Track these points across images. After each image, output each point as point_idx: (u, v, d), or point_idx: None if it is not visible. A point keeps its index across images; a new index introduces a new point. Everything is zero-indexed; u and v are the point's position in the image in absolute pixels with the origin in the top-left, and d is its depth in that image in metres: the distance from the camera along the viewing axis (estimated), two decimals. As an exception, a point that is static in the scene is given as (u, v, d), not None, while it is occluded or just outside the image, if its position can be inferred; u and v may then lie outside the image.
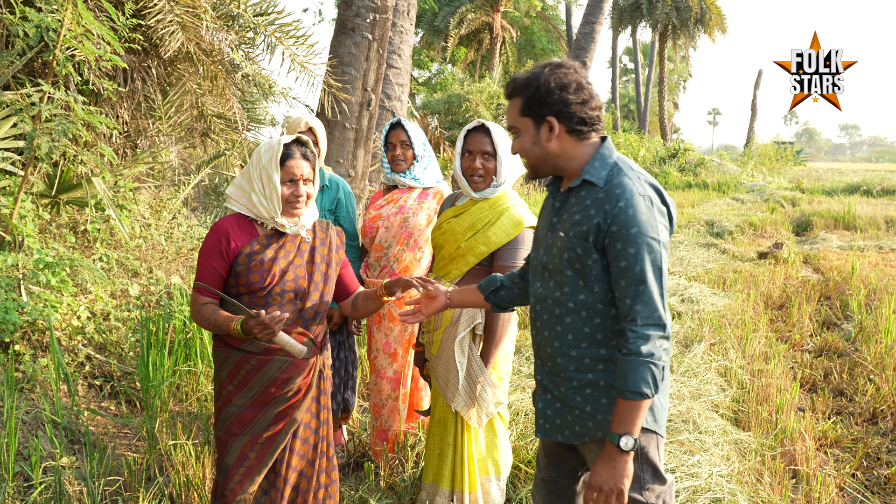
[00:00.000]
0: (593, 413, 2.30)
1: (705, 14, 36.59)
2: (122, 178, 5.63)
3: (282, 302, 2.78)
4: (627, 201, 2.19)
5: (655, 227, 2.20)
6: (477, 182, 3.33)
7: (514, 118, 2.36)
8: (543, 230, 2.45)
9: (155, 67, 6.04)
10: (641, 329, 2.15)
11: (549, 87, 2.27)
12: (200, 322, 2.76)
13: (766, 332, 6.86)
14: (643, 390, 2.13)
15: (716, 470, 3.61)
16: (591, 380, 2.30)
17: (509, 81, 2.40)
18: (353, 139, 7.07)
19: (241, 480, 2.81)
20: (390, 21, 7.20)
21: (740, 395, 5.03)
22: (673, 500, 2.42)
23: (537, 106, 2.29)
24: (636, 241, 2.16)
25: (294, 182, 2.77)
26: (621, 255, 2.17)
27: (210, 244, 2.77)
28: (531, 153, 2.35)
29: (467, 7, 29.91)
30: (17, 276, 4.55)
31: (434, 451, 3.45)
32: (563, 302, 2.32)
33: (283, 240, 2.82)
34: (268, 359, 2.79)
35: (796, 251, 11.48)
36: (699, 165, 29.97)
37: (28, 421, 4.02)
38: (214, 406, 2.92)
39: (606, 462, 2.20)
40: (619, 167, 2.29)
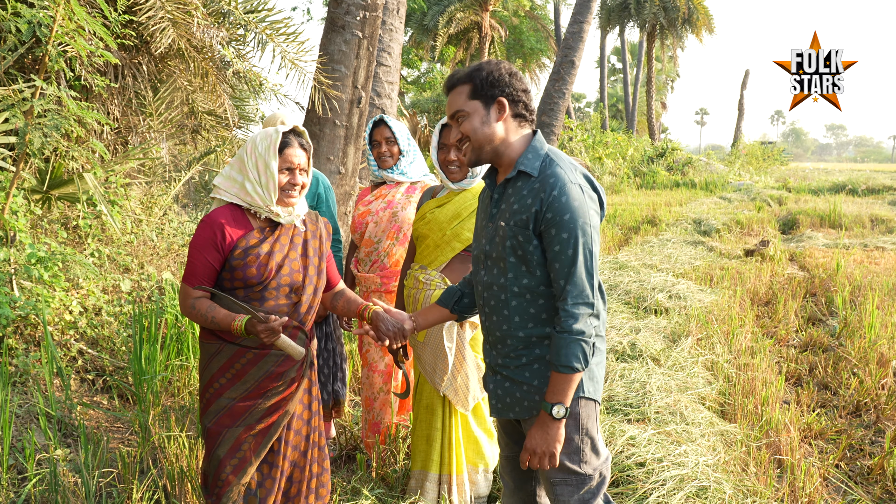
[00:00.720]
0: (540, 386, 2.45)
1: (693, 14, 36.76)
2: (113, 175, 5.64)
3: (277, 296, 2.78)
4: (561, 189, 2.34)
5: (587, 213, 2.35)
6: (453, 172, 3.47)
7: (461, 104, 2.49)
8: (483, 221, 2.60)
9: (146, 64, 6.06)
10: (572, 308, 2.32)
11: (500, 72, 2.45)
12: (193, 316, 2.73)
13: (753, 327, 6.95)
14: (574, 365, 2.32)
15: (702, 460, 3.67)
16: (538, 354, 2.46)
17: (449, 76, 2.55)
18: (344, 136, 7.11)
19: (233, 471, 2.79)
20: (380, 19, 7.24)
21: (726, 389, 5.10)
22: (609, 472, 2.58)
23: (489, 87, 2.44)
24: (569, 226, 2.32)
25: (291, 171, 2.77)
26: (555, 240, 2.33)
27: (203, 237, 2.73)
28: (479, 133, 2.47)
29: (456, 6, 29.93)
30: (9, 270, 4.57)
31: (422, 437, 3.52)
32: (507, 287, 2.46)
33: (278, 232, 2.81)
34: (264, 353, 2.78)
35: (782, 249, 11.59)
36: (687, 165, 30.15)
37: (21, 414, 4.04)
38: (201, 397, 2.89)
39: (540, 428, 2.40)
40: (550, 158, 2.45)
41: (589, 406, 2.50)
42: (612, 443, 3.81)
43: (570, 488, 2.50)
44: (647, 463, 3.60)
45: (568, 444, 2.47)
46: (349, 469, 4.18)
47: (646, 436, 3.87)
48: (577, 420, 2.47)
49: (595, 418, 2.53)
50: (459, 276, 3.42)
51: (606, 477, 2.57)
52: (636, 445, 3.78)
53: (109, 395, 4.73)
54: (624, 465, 3.62)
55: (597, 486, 2.54)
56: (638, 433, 3.90)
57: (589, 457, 2.50)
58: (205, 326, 2.76)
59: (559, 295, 2.35)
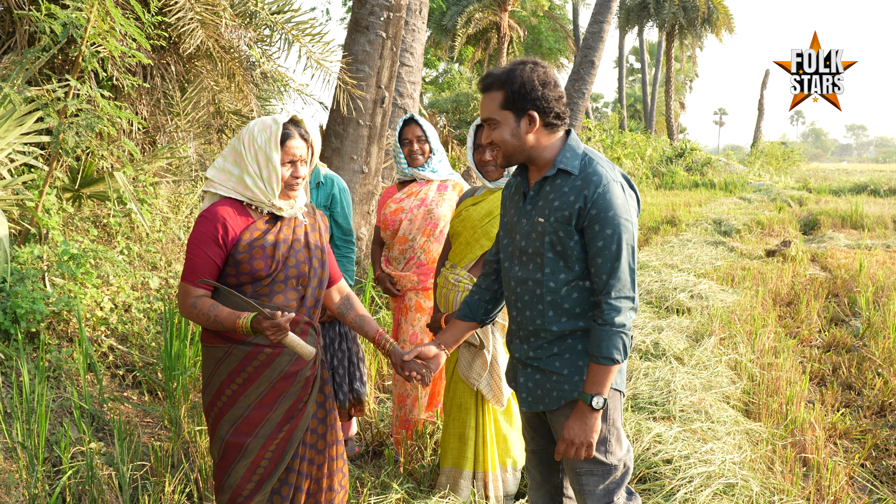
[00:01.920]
0: (570, 375, 2.51)
1: (713, 14, 36.56)
2: (142, 173, 5.72)
3: (285, 289, 2.67)
4: (605, 186, 2.40)
5: (629, 210, 2.43)
6: (490, 172, 3.52)
7: (493, 111, 2.50)
8: (515, 217, 2.63)
9: (174, 64, 6.13)
10: (615, 301, 2.39)
11: (533, 83, 2.44)
12: (194, 316, 2.59)
13: (775, 327, 6.94)
14: (615, 356, 2.39)
15: (728, 457, 3.69)
16: (570, 344, 2.51)
17: (485, 75, 2.55)
18: (367, 136, 7.16)
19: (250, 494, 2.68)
20: (403, 19, 7.29)
21: (751, 388, 5.11)
22: (632, 464, 2.64)
23: (520, 101, 2.46)
24: (613, 222, 2.38)
25: (293, 163, 2.66)
26: (599, 236, 2.38)
27: (204, 232, 2.59)
28: (509, 144, 2.51)
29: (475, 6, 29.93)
30: (42, 267, 4.65)
31: (454, 434, 3.56)
32: (543, 282, 2.51)
33: (280, 223, 2.70)
34: (278, 352, 2.67)
35: (804, 249, 11.53)
36: (706, 165, 30.00)
37: (54, 409, 4.12)
38: (210, 407, 2.73)
39: (579, 418, 2.45)
40: (589, 157, 2.50)
41: (616, 397, 2.56)
42: (639, 440, 3.83)
43: (595, 478, 2.55)
44: (673, 460, 3.63)
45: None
46: (376, 465, 4.23)
47: (672, 433, 3.90)
48: (605, 411, 2.52)
49: (620, 410, 2.59)
50: None
51: (630, 468, 2.62)
52: (662, 443, 3.80)
53: (139, 391, 4.80)
54: (651, 461, 3.64)
55: (621, 477, 2.60)
56: (664, 431, 3.92)
57: (614, 447, 2.56)
58: (207, 327, 2.61)
59: (601, 289, 2.40)
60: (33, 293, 4.31)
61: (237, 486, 2.67)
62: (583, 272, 2.47)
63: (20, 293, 4.22)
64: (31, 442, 3.56)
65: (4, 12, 5.26)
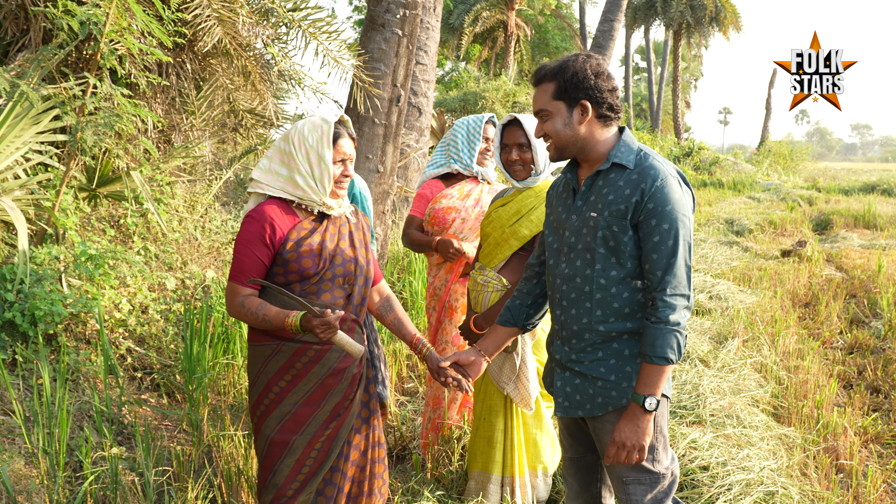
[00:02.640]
0: (618, 381, 2.42)
1: (720, 12, 36.46)
2: (159, 173, 5.65)
3: (332, 287, 2.69)
4: (663, 181, 2.33)
5: (686, 206, 2.36)
6: (517, 171, 3.44)
7: (545, 102, 2.46)
8: (564, 214, 2.56)
9: (189, 62, 6.06)
10: (670, 299, 2.30)
11: (585, 72, 2.41)
12: (243, 316, 2.61)
13: (797, 329, 6.85)
14: (669, 356, 2.31)
15: (766, 464, 3.60)
16: (616, 349, 2.43)
17: (538, 69, 2.51)
18: (383, 135, 7.08)
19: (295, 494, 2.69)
20: (419, 17, 7.21)
21: (779, 391, 5.03)
22: (678, 472, 2.55)
23: (573, 90, 2.41)
24: (671, 217, 2.31)
25: (343, 162, 2.71)
26: (656, 231, 2.31)
27: (252, 232, 2.62)
28: (562, 135, 2.45)
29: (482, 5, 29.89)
30: (59, 268, 4.58)
31: (483, 438, 3.49)
32: (594, 279, 2.43)
33: (326, 222, 2.73)
34: (327, 348, 2.67)
35: (818, 249, 11.44)
36: (714, 164, 29.90)
37: (73, 412, 4.05)
38: (256, 404, 2.75)
39: (630, 420, 2.36)
40: (644, 152, 2.43)
41: (663, 404, 2.48)
42: (674, 446, 3.75)
43: (643, 487, 2.47)
44: (710, 467, 3.55)
45: None
46: (400, 469, 4.15)
47: (706, 439, 3.81)
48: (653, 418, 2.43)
49: (667, 416, 2.51)
50: (517, 275, 3.37)
51: (677, 477, 2.54)
52: (698, 449, 3.72)
53: (157, 393, 4.73)
54: (688, 468, 3.56)
55: (668, 486, 2.51)
56: (699, 436, 3.84)
57: (661, 455, 2.48)
58: (255, 326, 2.63)
59: (656, 286, 2.32)
60: (51, 294, 4.24)
61: (282, 486, 2.68)
62: (635, 270, 2.39)
63: (38, 295, 4.15)
64: (51, 447, 3.49)
65: (19, 9, 5.19)
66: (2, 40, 5.17)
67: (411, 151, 8.91)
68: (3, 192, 4.39)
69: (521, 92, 20.69)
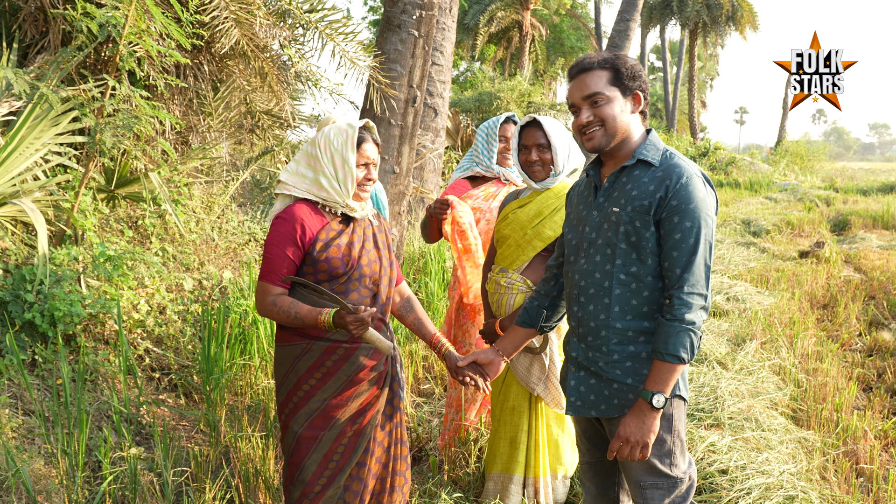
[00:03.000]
0: (634, 385, 2.41)
1: (737, 11, 36.20)
2: (177, 174, 5.68)
3: (359, 287, 2.77)
4: (688, 178, 2.34)
5: (709, 205, 2.35)
6: (536, 172, 3.42)
7: (600, 86, 2.44)
8: (584, 211, 2.57)
9: (206, 63, 6.08)
10: (687, 297, 2.29)
11: (638, 66, 2.46)
12: (274, 314, 2.67)
13: (816, 331, 6.79)
14: (681, 355, 2.29)
15: (785, 468, 3.57)
16: (632, 352, 2.41)
17: (583, 58, 2.52)
18: (399, 136, 7.08)
19: (322, 489, 2.75)
20: (435, 18, 7.20)
21: (798, 394, 4.99)
22: (696, 476, 2.55)
23: (630, 78, 2.45)
24: (694, 215, 2.30)
25: (367, 166, 2.78)
26: (678, 228, 2.31)
27: (282, 232, 2.69)
28: (619, 120, 2.45)
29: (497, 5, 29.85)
30: (78, 269, 4.61)
31: (505, 439, 3.47)
32: (613, 274, 2.42)
33: (353, 224, 2.81)
34: (356, 346, 2.75)
35: (836, 250, 11.34)
36: (730, 164, 29.72)
37: (92, 412, 4.07)
38: (285, 401, 2.81)
39: (637, 416, 2.35)
40: (671, 152, 2.45)
41: (680, 406, 2.47)
42: (693, 449, 3.73)
43: (661, 492, 2.45)
44: (729, 470, 3.52)
45: (660, 446, 2.42)
46: (417, 471, 4.15)
47: (725, 442, 3.79)
48: (669, 420, 2.42)
49: (684, 420, 2.49)
50: (540, 276, 3.37)
51: (694, 481, 2.52)
52: (716, 452, 3.69)
53: (175, 394, 4.75)
54: (706, 472, 3.54)
55: (686, 491, 2.49)
56: (717, 440, 3.82)
57: (679, 459, 2.46)
58: (287, 324, 2.70)
59: (673, 283, 2.32)
60: (70, 295, 4.26)
61: (309, 481, 2.75)
62: (655, 268, 2.38)
63: (57, 295, 4.17)
64: (71, 447, 3.51)
65: (38, 11, 5.22)
66: (21, 42, 5.21)
67: (427, 152, 8.91)
68: (22, 193, 4.43)
69: (535, 92, 20.63)
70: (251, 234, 6.79)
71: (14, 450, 3.38)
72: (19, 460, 3.32)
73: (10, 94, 4.68)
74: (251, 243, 6.73)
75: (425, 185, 9.11)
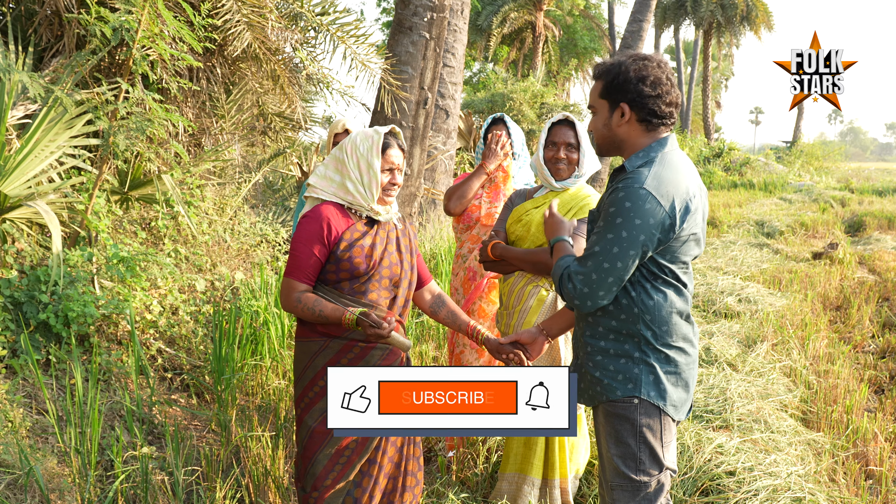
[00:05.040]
0: (601, 378, 2.44)
1: (751, 11, 36.03)
2: (189, 176, 5.73)
3: (379, 288, 2.83)
4: (628, 187, 2.32)
5: (635, 221, 2.29)
6: (561, 170, 3.43)
7: (594, 99, 2.53)
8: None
9: (219, 67, 6.13)
10: (569, 280, 2.39)
11: (627, 76, 2.41)
12: (299, 311, 2.76)
13: (828, 332, 6.77)
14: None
15: (793, 469, 3.57)
16: (602, 347, 2.45)
17: (598, 64, 2.55)
18: (410, 137, 7.12)
19: (332, 482, 2.81)
20: (447, 20, 7.23)
21: (808, 396, 4.97)
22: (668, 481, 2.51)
23: (614, 91, 2.44)
24: (610, 221, 2.31)
25: (392, 171, 2.85)
26: (598, 228, 2.37)
27: (310, 230, 2.78)
28: (599, 133, 2.52)
29: (510, 6, 29.84)
30: (91, 270, 4.66)
31: (519, 439, 3.47)
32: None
33: (377, 227, 2.88)
34: (371, 346, 2.81)
35: (850, 252, 11.28)
36: (744, 165, 29.56)
37: (105, 412, 4.12)
38: (301, 397, 2.89)
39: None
40: (654, 160, 2.39)
41: (651, 412, 2.42)
42: (700, 451, 3.72)
43: (626, 493, 2.46)
44: (737, 472, 3.52)
45: (624, 449, 2.43)
46: (425, 471, 4.17)
47: (733, 444, 3.79)
48: (634, 425, 2.41)
49: (659, 428, 2.44)
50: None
51: (665, 484, 2.50)
52: (724, 454, 3.69)
53: (187, 394, 4.79)
54: (713, 473, 3.53)
55: (654, 493, 2.48)
56: (725, 441, 3.82)
57: (648, 465, 2.43)
58: (310, 320, 2.78)
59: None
60: (84, 296, 4.31)
61: (319, 475, 2.81)
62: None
63: (71, 296, 4.23)
64: (83, 446, 3.56)
65: (53, 16, 5.29)
66: (37, 46, 5.28)
67: (438, 154, 8.93)
68: (37, 195, 4.48)
69: (548, 93, 20.60)
70: (263, 236, 6.84)
71: (28, 449, 3.43)
72: (33, 459, 3.36)
73: (26, 97, 4.74)
74: (263, 245, 6.78)
75: (436, 186, 9.14)
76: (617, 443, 2.43)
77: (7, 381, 3.81)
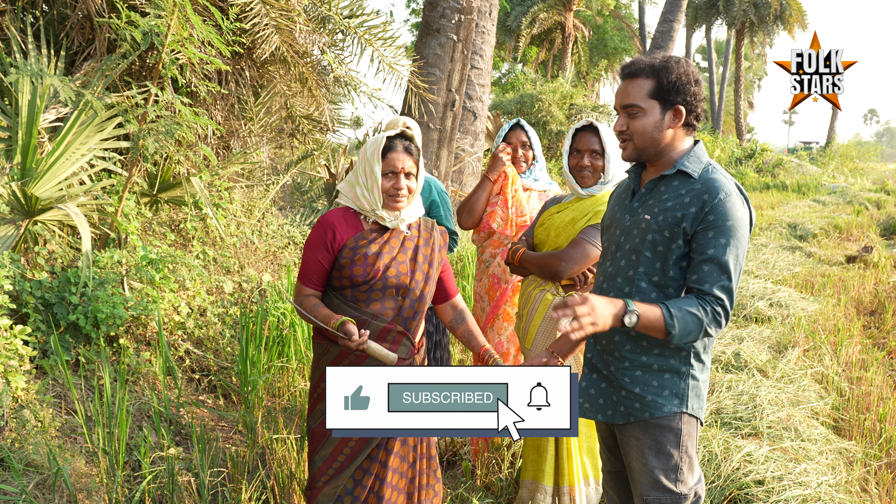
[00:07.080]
0: (642, 394, 2.38)
1: (785, 10, 35.57)
2: (218, 178, 5.77)
3: (383, 297, 2.78)
4: (727, 195, 2.28)
5: (745, 225, 2.31)
6: (585, 178, 3.38)
7: (638, 98, 2.38)
8: (619, 213, 2.54)
9: (247, 69, 6.17)
10: (715, 304, 2.24)
11: (687, 76, 2.36)
12: (301, 314, 2.79)
13: (861, 338, 6.65)
14: (673, 333, 2.21)
15: (824, 479, 3.51)
16: (644, 362, 2.38)
17: (632, 62, 2.44)
18: (437, 140, 7.11)
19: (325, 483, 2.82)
20: (474, 22, 7.22)
21: (840, 403, 4.89)
22: (703, 492, 2.48)
23: (672, 92, 2.35)
24: (730, 233, 2.25)
25: (395, 175, 2.76)
26: (711, 244, 2.25)
27: (316, 237, 2.80)
28: (648, 135, 2.39)
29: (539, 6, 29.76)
30: (121, 272, 4.71)
31: (532, 446, 3.47)
32: (635, 281, 2.39)
33: (388, 235, 2.82)
34: (364, 357, 2.77)
35: (886, 255, 11.07)
36: (777, 166, 29.18)
37: (132, 413, 4.16)
38: (310, 397, 2.93)
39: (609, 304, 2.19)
40: (713, 166, 2.40)
41: (691, 423, 2.42)
42: (728, 459, 3.67)
43: None
44: (766, 481, 3.46)
45: (666, 461, 2.40)
46: (450, 475, 4.16)
47: (762, 452, 3.73)
48: (678, 435, 2.39)
49: (695, 437, 2.45)
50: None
51: (701, 497, 2.48)
52: (753, 462, 3.64)
53: (214, 395, 4.83)
54: (742, 482, 3.48)
55: None
56: (754, 449, 3.76)
57: (686, 476, 2.43)
58: (309, 323, 2.84)
59: (705, 289, 2.26)
60: (113, 297, 4.36)
61: (314, 476, 2.85)
62: (678, 280, 2.35)
63: (101, 298, 4.27)
64: (111, 446, 3.59)
65: (85, 20, 5.35)
66: (68, 50, 5.34)
67: (466, 156, 8.92)
68: (68, 197, 4.54)
69: (578, 94, 20.50)
70: (290, 238, 6.87)
71: (56, 449, 3.47)
72: (61, 459, 3.40)
73: (58, 101, 4.81)
74: (290, 246, 6.81)
75: (464, 188, 9.13)
76: (658, 454, 2.39)
77: (37, 381, 3.86)
